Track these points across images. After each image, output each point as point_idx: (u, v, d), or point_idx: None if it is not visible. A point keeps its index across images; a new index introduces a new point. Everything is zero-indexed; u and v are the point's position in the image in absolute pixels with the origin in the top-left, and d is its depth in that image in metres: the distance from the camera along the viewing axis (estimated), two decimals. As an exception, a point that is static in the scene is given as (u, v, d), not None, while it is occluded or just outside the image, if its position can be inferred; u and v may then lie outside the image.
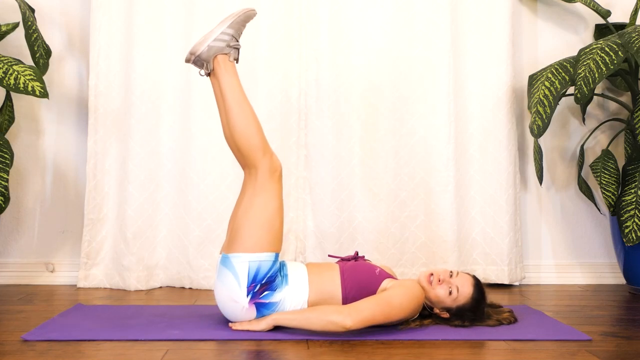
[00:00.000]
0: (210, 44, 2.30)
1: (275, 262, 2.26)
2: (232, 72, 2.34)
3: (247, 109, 2.32)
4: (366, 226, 3.24)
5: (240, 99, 2.32)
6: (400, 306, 2.24)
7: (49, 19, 3.32)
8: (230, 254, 2.24)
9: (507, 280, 3.27)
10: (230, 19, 2.34)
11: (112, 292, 3.10)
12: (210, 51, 2.31)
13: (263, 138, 2.31)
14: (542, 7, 3.50)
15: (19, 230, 3.32)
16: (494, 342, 2.18)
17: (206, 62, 2.32)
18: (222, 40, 2.32)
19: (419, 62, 3.29)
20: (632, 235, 2.99)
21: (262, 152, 2.28)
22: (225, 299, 2.26)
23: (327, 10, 3.27)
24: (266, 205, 2.26)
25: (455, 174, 3.27)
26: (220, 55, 2.32)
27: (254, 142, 2.28)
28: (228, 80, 2.32)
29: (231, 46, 2.34)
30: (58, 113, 3.34)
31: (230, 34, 2.33)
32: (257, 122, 2.32)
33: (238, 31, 2.36)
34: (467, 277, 2.36)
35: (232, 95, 2.31)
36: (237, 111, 2.30)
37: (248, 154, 2.29)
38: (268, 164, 2.28)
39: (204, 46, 2.30)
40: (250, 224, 2.24)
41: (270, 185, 2.27)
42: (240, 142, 2.29)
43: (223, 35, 2.32)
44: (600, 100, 3.50)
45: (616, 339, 2.26)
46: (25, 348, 2.06)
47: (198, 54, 2.31)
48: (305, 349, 2.07)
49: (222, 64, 2.32)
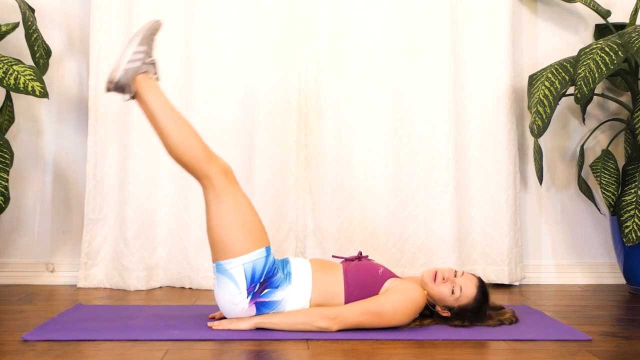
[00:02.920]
0: (126, 67, 2.23)
1: (269, 256, 2.26)
2: (155, 89, 2.28)
3: (180, 122, 2.28)
4: (366, 226, 3.24)
5: (171, 114, 2.27)
6: (394, 312, 2.25)
7: (49, 19, 3.32)
8: (223, 261, 2.23)
9: (507, 280, 3.27)
10: (138, 36, 2.27)
11: (112, 292, 3.10)
12: (127, 74, 2.23)
13: (204, 146, 2.28)
14: (542, 7, 3.50)
15: (19, 230, 3.32)
16: (494, 342, 2.18)
17: (127, 87, 2.25)
18: (137, 60, 2.25)
19: (419, 62, 3.29)
20: (632, 235, 2.99)
21: (207, 160, 2.25)
22: (225, 302, 2.27)
23: (327, 10, 3.27)
24: (236, 207, 2.24)
25: (455, 174, 3.27)
26: (139, 76, 2.25)
27: (197, 153, 2.25)
28: (153, 98, 2.26)
29: (147, 63, 2.27)
30: (58, 113, 3.34)
31: (142, 51, 2.26)
32: (194, 132, 2.29)
33: (149, 46, 2.30)
34: (471, 278, 2.36)
35: (162, 113, 2.26)
36: (171, 127, 2.25)
37: (194, 165, 2.26)
38: (217, 169, 2.25)
39: (120, 71, 2.23)
40: (229, 231, 2.23)
41: (229, 187, 2.25)
42: (183, 156, 2.26)
43: (136, 54, 2.25)
44: (600, 100, 3.50)
45: (616, 339, 2.26)
46: (25, 348, 2.06)
47: (116, 81, 2.23)
48: (305, 349, 2.07)
49: (143, 84, 2.26)
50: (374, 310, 2.24)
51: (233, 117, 3.22)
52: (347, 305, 2.27)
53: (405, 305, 2.26)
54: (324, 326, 2.22)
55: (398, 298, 2.27)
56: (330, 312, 2.24)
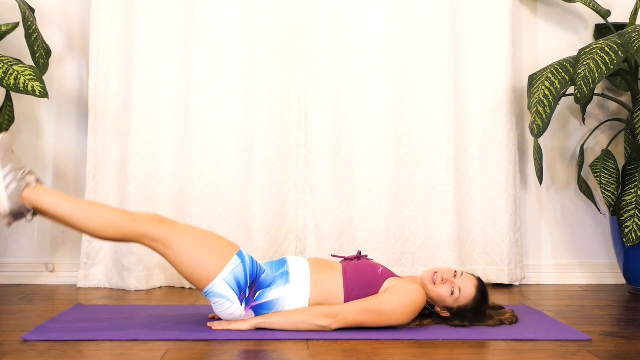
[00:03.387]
0: (8, 195, 2.17)
1: (244, 260, 2.26)
2: (46, 194, 2.22)
3: (88, 207, 2.28)
4: (366, 226, 3.23)
5: (75, 205, 2.23)
6: (393, 312, 2.25)
7: (49, 19, 3.32)
8: (206, 288, 2.24)
9: (507, 280, 3.27)
10: None
11: (112, 292, 3.10)
12: (13, 200, 2.17)
13: (122, 213, 2.27)
14: (542, 7, 3.50)
15: (19, 230, 3.32)
16: (494, 342, 2.18)
17: (22, 209, 2.20)
18: (12, 181, 2.18)
19: (419, 62, 3.29)
20: (632, 235, 2.99)
21: (134, 223, 2.21)
22: (224, 316, 2.28)
23: (327, 10, 3.27)
24: (187, 243, 2.23)
25: (455, 174, 3.27)
26: (24, 192, 2.19)
27: (121, 222, 2.22)
28: (49, 202, 2.20)
29: (22, 178, 2.20)
30: (58, 113, 3.34)
31: (9, 170, 2.19)
32: (105, 207, 2.32)
33: (14, 160, 2.22)
34: (470, 279, 2.36)
35: (67, 209, 2.21)
36: (84, 216, 2.21)
37: (127, 234, 2.23)
38: (148, 223, 2.22)
39: (5, 203, 2.17)
40: (195, 265, 2.22)
41: (170, 230, 2.23)
42: (112, 233, 2.23)
43: (7, 178, 2.18)
44: (600, 100, 3.50)
45: (616, 339, 2.26)
46: (25, 348, 2.06)
47: (9, 212, 2.18)
48: (305, 349, 2.07)
49: (33, 198, 2.20)
50: (373, 309, 2.25)
51: (233, 117, 3.22)
52: (347, 304, 2.28)
53: (405, 304, 2.26)
54: (323, 324, 2.22)
55: (398, 297, 2.27)
56: (329, 311, 2.24)
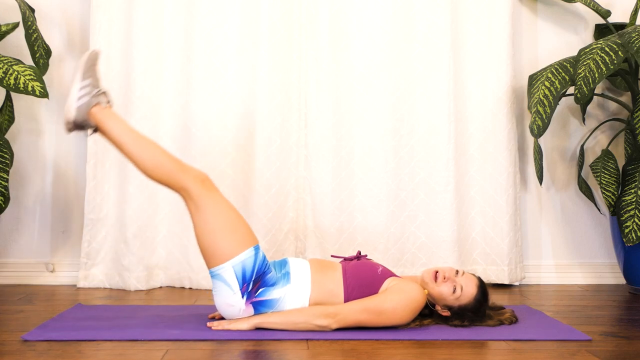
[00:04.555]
0: (77, 106, 2.25)
1: (258, 254, 2.27)
2: (113, 117, 2.30)
3: (145, 142, 2.30)
4: (366, 226, 3.23)
5: (134, 137, 2.29)
6: (394, 311, 2.25)
7: (49, 19, 3.32)
8: (214, 268, 2.25)
9: (507, 280, 3.27)
10: (80, 70, 2.29)
11: (112, 292, 3.10)
12: (81, 111, 2.26)
13: (174, 160, 2.30)
14: (542, 7, 3.50)
15: (19, 230, 3.32)
16: (494, 342, 2.18)
17: (85, 123, 2.28)
18: (85, 95, 2.27)
19: (419, 62, 3.29)
20: (632, 235, 2.99)
21: (181, 173, 2.27)
22: (223, 305, 2.28)
23: (327, 10, 3.27)
24: (217, 213, 2.25)
25: (455, 174, 3.27)
26: (93, 109, 2.27)
27: (168, 168, 2.27)
28: (113, 126, 2.28)
29: (96, 95, 2.28)
30: (58, 113, 3.33)
31: (87, 85, 2.28)
32: (161, 149, 2.32)
33: (94, 77, 2.31)
34: (472, 278, 2.37)
35: (126, 138, 2.28)
36: (138, 150, 2.27)
37: (170, 181, 2.28)
38: (193, 179, 2.27)
39: (72, 111, 2.25)
40: (214, 237, 2.25)
41: (207, 195, 2.26)
42: (156, 174, 2.28)
43: (82, 90, 2.27)
44: (600, 100, 3.50)
45: (616, 339, 2.26)
46: (25, 348, 2.06)
47: (73, 120, 2.26)
48: (305, 349, 2.07)
49: (100, 116, 2.27)
50: (373, 309, 2.25)
51: (233, 117, 3.22)
52: (347, 304, 2.28)
53: (405, 304, 2.26)
54: (323, 324, 2.22)
55: (398, 297, 2.27)
56: (329, 310, 2.24)
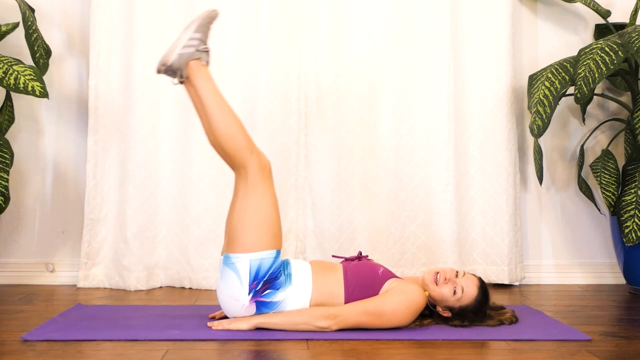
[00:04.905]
0: (180, 52, 2.26)
1: (277, 259, 2.26)
2: (207, 76, 2.31)
3: (227, 110, 2.29)
4: (366, 226, 3.24)
5: (219, 101, 2.29)
6: (393, 313, 2.25)
7: (49, 19, 3.32)
8: (231, 254, 2.24)
9: (507, 280, 3.27)
10: (196, 22, 2.31)
11: (112, 292, 3.10)
12: (181, 59, 2.27)
13: (248, 137, 2.29)
14: (542, 7, 3.50)
15: (19, 230, 3.32)
16: (494, 342, 2.18)
17: (178, 71, 2.28)
18: (191, 46, 2.28)
19: (419, 62, 3.29)
20: (632, 235, 2.99)
21: (249, 151, 2.27)
22: (226, 297, 2.26)
23: (327, 10, 3.27)
24: (260, 204, 2.25)
25: (455, 174, 3.27)
26: (192, 61, 2.29)
27: (240, 143, 2.27)
28: (204, 84, 2.29)
29: (201, 50, 2.30)
30: (58, 113, 3.34)
31: (197, 38, 2.30)
32: (239, 122, 2.30)
33: (205, 34, 2.33)
34: (472, 279, 2.36)
35: (211, 99, 2.28)
36: (218, 114, 2.27)
37: (235, 155, 2.27)
38: (256, 162, 2.26)
39: (174, 55, 2.26)
40: (247, 224, 2.24)
41: (262, 182, 2.26)
42: (225, 144, 2.27)
43: (191, 40, 2.28)
44: (600, 100, 3.50)
45: (616, 339, 2.26)
46: (25, 348, 2.06)
47: (169, 64, 2.26)
48: (305, 349, 2.07)
49: (195, 70, 2.28)
50: (373, 311, 2.25)
51: (233, 117, 3.21)
52: (347, 305, 2.28)
53: (406, 306, 2.26)
54: (324, 326, 2.22)
55: (398, 299, 2.27)
56: (330, 312, 2.24)
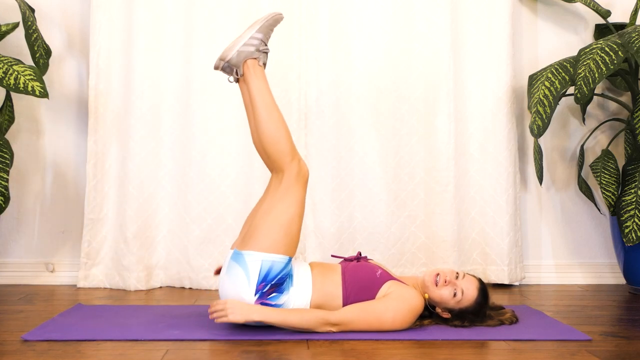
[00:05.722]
0: (240, 49, 2.30)
1: (287, 266, 2.26)
2: (262, 76, 2.34)
3: (276, 114, 2.32)
4: (366, 226, 3.24)
5: (270, 103, 2.32)
6: (393, 320, 2.25)
7: (49, 19, 3.32)
8: (244, 250, 2.23)
9: (507, 280, 3.27)
10: (259, 23, 2.35)
11: (112, 292, 3.10)
12: (239, 56, 2.31)
13: (291, 143, 2.31)
14: (542, 7, 3.50)
15: (19, 230, 3.32)
16: (494, 342, 2.18)
17: (236, 68, 2.33)
18: (252, 45, 2.32)
19: (419, 62, 3.29)
20: (632, 235, 2.99)
21: (290, 157, 2.28)
22: (230, 294, 2.24)
23: (327, 10, 3.27)
24: (288, 209, 2.25)
25: (455, 174, 3.27)
26: (249, 60, 2.33)
27: (282, 147, 2.28)
28: (257, 85, 2.32)
29: (260, 50, 2.34)
30: (58, 113, 3.34)
31: (259, 38, 2.34)
32: (286, 127, 2.32)
33: (266, 35, 2.36)
34: (472, 280, 2.36)
35: (262, 100, 2.31)
36: (266, 116, 2.30)
37: (276, 158, 2.29)
38: (295, 169, 2.28)
39: (233, 51, 2.30)
40: (269, 225, 2.24)
41: (295, 189, 2.27)
42: (268, 147, 2.29)
43: (252, 39, 2.32)
44: (600, 100, 3.50)
45: (616, 339, 2.26)
46: (25, 348, 2.06)
47: (228, 60, 2.31)
48: (305, 349, 2.07)
49: (251, 69, 2.32)
50: (374, 320, 2.24)
51: (233, 117, 3.21)
52: (348, 313, 2.25)
53: (405, 313, 2.27)
54: (324, 330, 2.23)
55: (397, 306, 2.26)
56: (332, 319, 2.22)
